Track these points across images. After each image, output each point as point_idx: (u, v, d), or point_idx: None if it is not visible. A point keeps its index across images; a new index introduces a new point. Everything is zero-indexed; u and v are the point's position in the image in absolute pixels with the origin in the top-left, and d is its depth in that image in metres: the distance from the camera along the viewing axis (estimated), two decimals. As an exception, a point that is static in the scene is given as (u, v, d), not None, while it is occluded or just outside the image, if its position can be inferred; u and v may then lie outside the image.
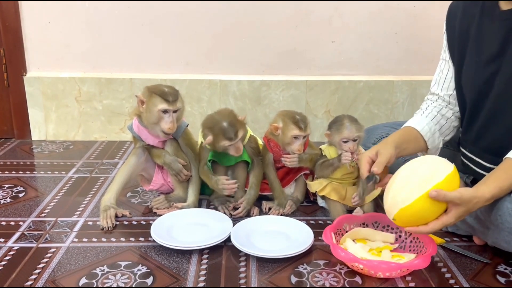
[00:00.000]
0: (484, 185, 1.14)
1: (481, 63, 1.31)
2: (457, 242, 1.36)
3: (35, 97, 2.17)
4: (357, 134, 1.41)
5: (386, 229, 1.36)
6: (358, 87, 2.21)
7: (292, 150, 1.47)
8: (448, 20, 1.43)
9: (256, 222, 1.42)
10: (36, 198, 1.61)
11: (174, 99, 1.43)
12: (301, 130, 1.45)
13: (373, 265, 1.16)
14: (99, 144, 2.18)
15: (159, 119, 1.43)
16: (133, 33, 2.13)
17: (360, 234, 1.35)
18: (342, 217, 1.36)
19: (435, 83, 1.49)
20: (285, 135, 1.47)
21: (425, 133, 1.42)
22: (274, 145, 1.53)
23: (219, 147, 1.45)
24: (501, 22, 1.25)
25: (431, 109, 1.47)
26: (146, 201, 1.60)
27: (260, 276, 1.19)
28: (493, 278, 1.20)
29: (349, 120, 1.42)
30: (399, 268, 1.16)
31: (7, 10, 2.06)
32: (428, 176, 1.12)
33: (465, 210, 1.11)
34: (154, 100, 1.42)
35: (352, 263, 1.19)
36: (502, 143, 1.25)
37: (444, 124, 1.46)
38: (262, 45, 2.16)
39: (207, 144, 1.45)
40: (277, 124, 1.48)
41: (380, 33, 2.16)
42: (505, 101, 1.26)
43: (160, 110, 1.42)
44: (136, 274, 1.19)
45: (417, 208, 1.11)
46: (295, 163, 1.49)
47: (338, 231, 1.33)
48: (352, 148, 1.41)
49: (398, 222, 1.16)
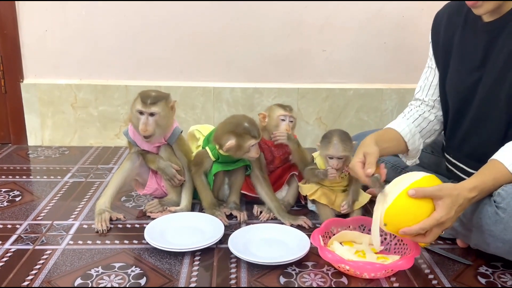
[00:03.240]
0: (465, 180, 1.17)
1: (464, 72, 1.37)
2: (441, 245, 1.40)
3: (31, 104, 2.20)
4: (343, 154, 1.43)
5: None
6: (348, 95, 2.26)
7: (281, 131, 1.55)
8: (434, 29, 1.48)
9: (254, 230, 1.43)
10: (33, 202, 1.65)
11: (152, 102, 1.44)
12: (286, 110, 1.56)
13: (358, 266, 1.20)
14: (94, 150, 2.22)
15: (137, 120, 1.47)
16: (128, 41, 2.17)
17: (347, 237, 1.39)
18: (329, 220, 1.41)
19: (420, 89, 1.54)
20: (272, 118, 1.57)
21: (405, 134, 1.45)
22: (263, 142, 1.59)
23: (242, 149, 1.45)
24: (482, 33, 1.30)
25: (413, 113, 1.51)
26: (140, 205, 1.64)
27: (250, 277, 1.23)
28: (475, 279, 1.24)
29: (339, 139, 1.43)
30: (383, 268, 1.20)
31: (5, 18, 2.10)
32: (407, 178, 1.17)
33: (451, 201, 1.11)
34: (135, 101, 1.47)
35: (338, 264, 1.23)
36: (485, 149, 1.29)
37: (425, 127, 1.49)
38: (254, 53, 2.21)
39: (227, 149, 1.45)
40: (264, 113, 1.59)
41: (369, 42, 2.21)
42: (487, 109, 1.31)
43: (136, 110, 1.46)
44: (130, 275, 1.22)
45: (400, 205, 1.13)
46: (284, 138, 1.54)
47: (326, 234, 1.38)
48: (336, 166, 1.44)
49: (390, 227, 1.18)
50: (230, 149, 1.46)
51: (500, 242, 1.17)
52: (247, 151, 1.47)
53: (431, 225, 1.12)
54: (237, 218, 1.54)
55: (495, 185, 1.17)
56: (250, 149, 1.46)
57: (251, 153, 1.47)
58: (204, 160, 1.55)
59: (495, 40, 1.27)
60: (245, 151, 1.46)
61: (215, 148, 1.52)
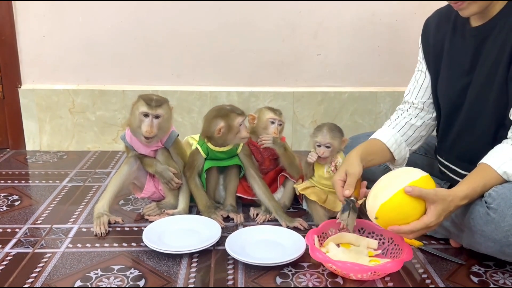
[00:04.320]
0: (458, 186, 1.20)
1: (454, 76, 1.39)
2: (434, 245, 1.42)
3: (29, 109, 2.22)
4: (330, 141, 1.48)
5: (371, 235, 1.41)
6: (343, 98, 2.29)
7: (268, 134, 1.59)
8: (423, 34, 1.51)
9: (250, 232, 1.45)
10: (31, 206, 1.67)
11: (157, 105, 1.48)
12: (276, 114, 1.61)
13: (346, 266, 1.22)
14: (92, 154, 2.24)
15: (140, 122, 1.49)
16: (125, 46, 2.19)
17: (345, 239, 1.40)
18: (328, 221, 1.42)
19: (409, 92, 1.55)
20: (261, 120, 1.61)
21: (391, 145, 1.46)
22: (252, 144, 1.63)
23: (233, 129, 1.50)
24: (471, 37, 1.33)
25: (400, 120, 1.52)
26: (138, 208, 1.66)
27: (247, 278, 1.25)
28: (467, 278, 1.26)
29: (328, 128, 1.49)
30: (369, 270, 1.21)
31: (2, 24, 2.12)
32: (405, 176, 1.19)
33: (442, 208, 1.15)
34: (138, 103, 1.49)
35: (327, 264, 1.25)
36: (475, 151, 1.31)
37: (411, 135, 1.50)
38: (250, 58, 2.24)
39: (219, 133, 1.50)
40: (253, 114, 1.63)
41: (363, 46, 2.24)
42: (476, 112, 1.34)
43: (141, 112, 1.48)
44: (128, 277, 1.24)
45: (396, 203, 1.16)
46: (270, 142, 1.58)
47: (323, 234, 1.40)
48: (322, 153, 1.49)
49: (380, 221, 1.20)
50: (222, 133, 1.51)
51: (491, 242, 1.19)
52: (238, 131, 1.52)
53: (420, 229, 1.16)
54: (234, 220, 1.56)
55: (485, 189, 1.20)
56: (240, 128, 1.52)
57: (242, 132, 1.53)
58: (196, 158, 1.58)
59: (483, 44, 1.29)
60: (235, 131, 1.52)
61: (204, 143, 1.56)
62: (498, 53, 1.25)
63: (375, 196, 1.21)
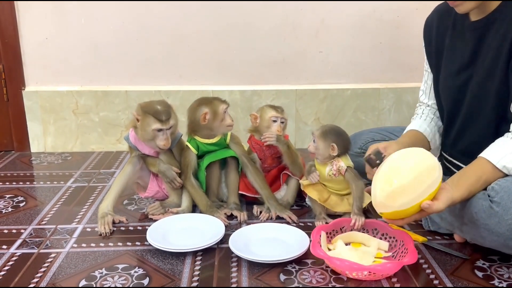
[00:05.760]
0: (456, 190, 1.19)
1: (455, 72, 1.39)
2: (438, 240, 1.42)
3: (33, 111, 2.24)
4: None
5: (384, 237, 1.38)
6: (345, 95, 2.28)
7: (271, 132, 1.59)
8: (425, 32, 1.51)
9: (254, 230, 1.45)
10: (36, 207, 1.68)
11: (167, 118, 1.49)
12: (278, 112, 1.61)
13: (344, 265, 1.21)
14: (96, 155, 2.25)
15: (154, 137, 1.50)
16: (128, 47, 2.20)
17: (357, 238, 1.38)
18: (341, 219, 1.42)
19: (423, 93, 1.58)
20: (263, 119, 1.61)
21: (428, 135, 1.49)
22: (255, 142, 1.63)
23: (218, 116, 1.55)
24: (470, 32, 1.33)
25: (427, 112, 1.55)
26: (142, 208, 1.67)
27: (251, 275, 1.25)
28: (471, 272, 1.26)
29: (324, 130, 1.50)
30: (364, 269, 1.20)
31: (5, 27, 2.13)
32: (426, 186, 1.15)
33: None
34: (148, 120, 1.48)
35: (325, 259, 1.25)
36: (477, 146, 1.30)
37: (441, 126, 1.54)
38: (252, 56, 2.24)
39: (204, 120, 1.53)
40: (255, 113, 1.64)
41: (365, 43, 2.24)
42: (478, 106, 1.34)
43: (154, 129, 1.48)
44: (133, 276, 1.25)
45: (408, 212, 1.18)
46: (273, 139, 1.58)
47: (333, 231, 1.39)
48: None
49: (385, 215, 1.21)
50: (207, 120, 1.53)
51: (495, 236, 1.19)
52: (223, 118, 1.55)
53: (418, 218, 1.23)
54: (238, 218, 1.56)
55: (485, 184, 1.21)
56: (225, 116, 1.55)
57: (226, 119, 1.57)
58: (186, 156, 1.59)
59: (483, 38, 1.29)
60: (220, 117, 1.55)
61: (192, 138, 1.59)
62: (498, 46, 1.25)
63: (392, 198, 1.16)
